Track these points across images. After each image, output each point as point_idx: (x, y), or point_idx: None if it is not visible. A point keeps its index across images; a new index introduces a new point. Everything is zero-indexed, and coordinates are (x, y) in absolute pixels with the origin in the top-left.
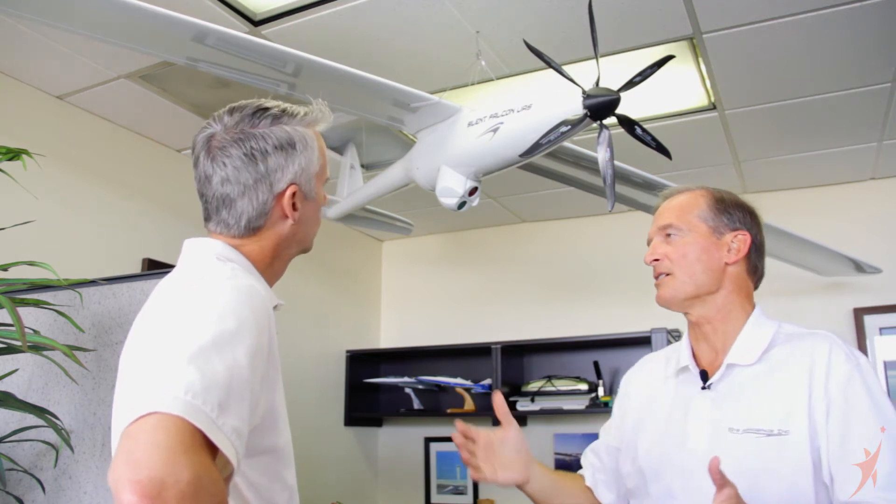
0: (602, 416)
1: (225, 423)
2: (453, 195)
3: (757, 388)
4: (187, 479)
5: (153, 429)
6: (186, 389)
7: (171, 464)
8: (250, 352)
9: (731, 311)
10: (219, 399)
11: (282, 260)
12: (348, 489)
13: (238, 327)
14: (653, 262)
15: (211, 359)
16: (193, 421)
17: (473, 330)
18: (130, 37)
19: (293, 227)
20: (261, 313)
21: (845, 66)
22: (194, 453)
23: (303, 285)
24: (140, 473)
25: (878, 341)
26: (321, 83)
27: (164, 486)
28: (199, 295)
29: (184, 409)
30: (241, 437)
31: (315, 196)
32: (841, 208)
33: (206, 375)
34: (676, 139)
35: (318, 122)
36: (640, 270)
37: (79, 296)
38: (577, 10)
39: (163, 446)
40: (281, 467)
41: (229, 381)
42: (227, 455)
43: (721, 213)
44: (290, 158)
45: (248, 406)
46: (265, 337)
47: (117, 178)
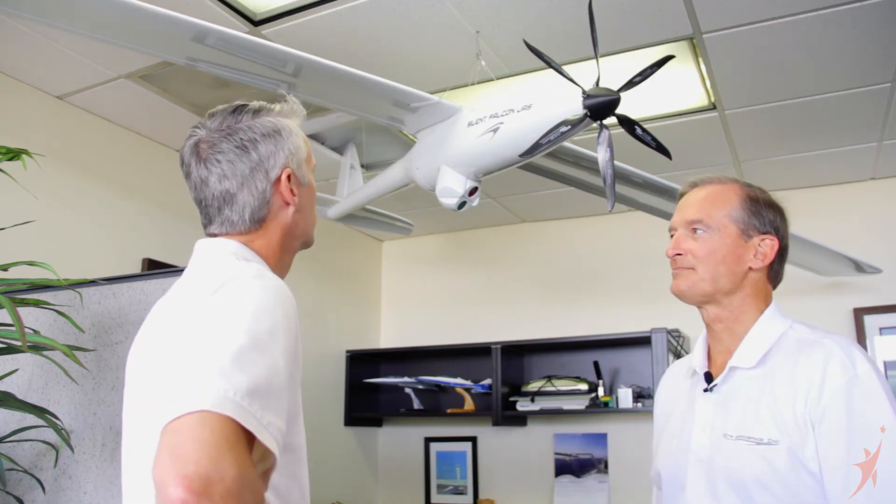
0: (602, 416)
1: (270, 422)
2: (453, 195)
3: (753, 393)
4: (232, 477)
5: (199, 426)
6: (235, 390)
7: (218, 460)
8: (285, 351)
9: (743, 312)
10: (262, 399)
11: (289, 254)
12: (348, 489)
13: (273, 327)
14: (675, 256)
15: (253, 359)
16: (241, 421)
17: (473, 330)
18: (130, 37)
19: (295, 215)
20: (290, 312)
21: (845, 66)
22: (239, 452)
23: (303, 285)
24: (187, 469)
25: (878, 341)
26: (321, 83)
27: (211, 482)
28: (231, 295)
29: (233, 409)
30: (283, 434)
31: (308, 182)
32: (841, 208)
33: (251, 376)
34: (676, 139)
35: (294, 114)
36: (640, 270)
37: (79, 296)
38: (577, 10)
39: (209, 443)
40: (298, 466)
41: (270, 380)
42: (274, 451)
43: (754, 214)
44: (279, 144)
45: (285, 405)
46: (293, 336)
47: (117, 178)
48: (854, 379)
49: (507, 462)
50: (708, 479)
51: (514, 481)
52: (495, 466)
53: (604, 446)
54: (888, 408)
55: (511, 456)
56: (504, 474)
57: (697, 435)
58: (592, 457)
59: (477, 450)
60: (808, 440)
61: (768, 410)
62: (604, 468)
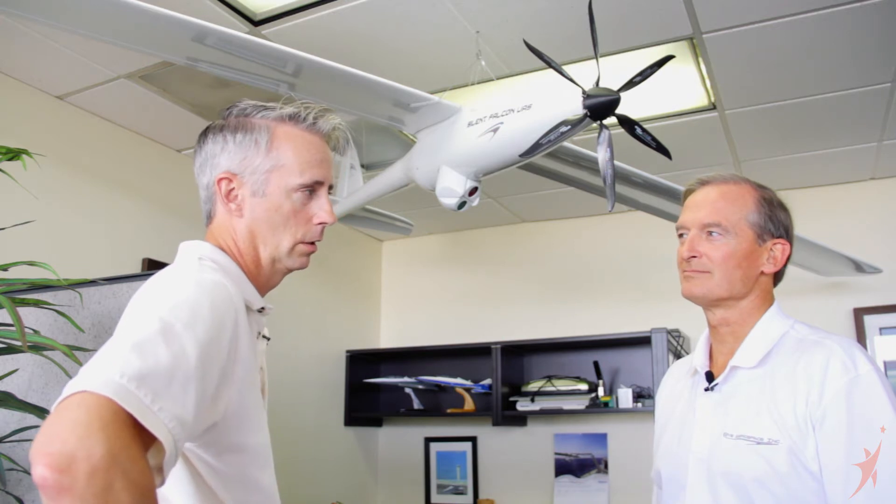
0: (602, 416)
1: (163, 408)
2: (453, 195)
3: (754, 393)
4: (100, 455)
5: (76, 406)
6: (123, 373)
7: (86, 439)
8: (201, 343)
9: (751, 314)
10: (156, 385)
11: (264, 269)
12: (348, 489)
13: (192, 319)
14: (690, 259)
15: (157, 346)
16: (122, 403)
17: (473, 330)
18: (130, 37)
19: (244, 224)
20: (222, 309)
21: (845, 66)
22: (113, 433)
23: (302, 285)
24: (52, 446)
25: (878, 341)
26: (321, 83)
27: (74, 460)
28: (160, 289)
29: (114, 390)
30: (182, 424)
31: (266, 194)
32: (841, 208)
33: (147, 361)
34: (676, 139)
35: (294, 120)
36: (640, 270)
37: (79, 296)
38: (577, 10)
39: (80, 422)
40: (254, 468)
41: (173, 369)
42: (161, 438)
43: (769, 218)
44: (228, 144)
45: (194, 396)
46: (226, 332)
47: (117, 178)
48: (855, 379)
49: (507, 462)
50: (708, 478)
51: (514, 481)
52: (495, 466)
53: (604, 446)
54: (889, 408)
55: (511, 456)
56: (504, 474)
57: (698, 434)
58: (592, 457)
59: (477, 450)
60: (808, 440)
61: (769, 410)
62: (604, 468)
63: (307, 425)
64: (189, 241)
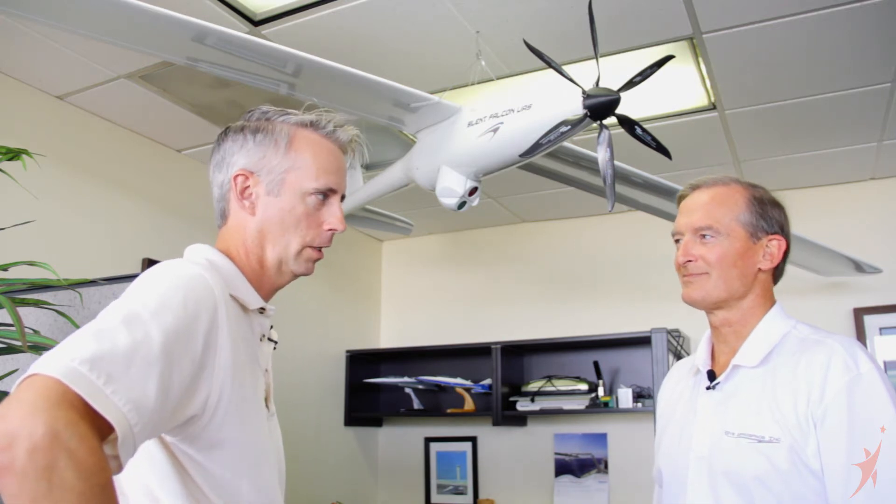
0: (602, 416)
1: (116, 391)
2: (453, 195)
3: (756, 392)
4: (41, 433)
5: (26, 387)
6: (74, 356)
7: (28, 418)
8: (168, 331)
9: (752, 314)
10: (112, 368)
11: (269, 270)
12: (348, 489)
13: (159, 307)
14: (686, 263)
15: (115, 332)
16: (71, 385)
17: (473, 330)
18: (130, 37)
19: (255, 222)
20: (197, 299)
21: (845, 66)
22: (59, 413)
23: (303, 285)
24: None
25: (878, 341)
26: (321, 83)
27: (16, 438)
28: (138, 283)
29: (63, 372)
30: (140, 409)
31: (280, 194)
32: (841, 208)
33: (103, 345)
34: (676, 139)
35: (314, 124)
36: (640, 270)
37: (79, 296)
38: (577, 10)
39: (25, 402)
40: (246, 465)
41: (131, 353)
42: (111, 420)
43: (760, 216)
44: (248, 143)
45: (157, 382)
46: (200, 323)
47: (117, 178)
48: (856, 378)
49: (507, 462)
50: (709, 476)
51: (514, 481)
52: (495, 466)
53: (604, 446)
54: (890, 408)
55: (511, 456)
56: (504, 474)
57: (699, 433)
58: (592, 457)
59: (477, 450)
60: (809, 438)
61: (770, 408)
62: (604, 468)
63: (307, 425)
64: (194, 245)
